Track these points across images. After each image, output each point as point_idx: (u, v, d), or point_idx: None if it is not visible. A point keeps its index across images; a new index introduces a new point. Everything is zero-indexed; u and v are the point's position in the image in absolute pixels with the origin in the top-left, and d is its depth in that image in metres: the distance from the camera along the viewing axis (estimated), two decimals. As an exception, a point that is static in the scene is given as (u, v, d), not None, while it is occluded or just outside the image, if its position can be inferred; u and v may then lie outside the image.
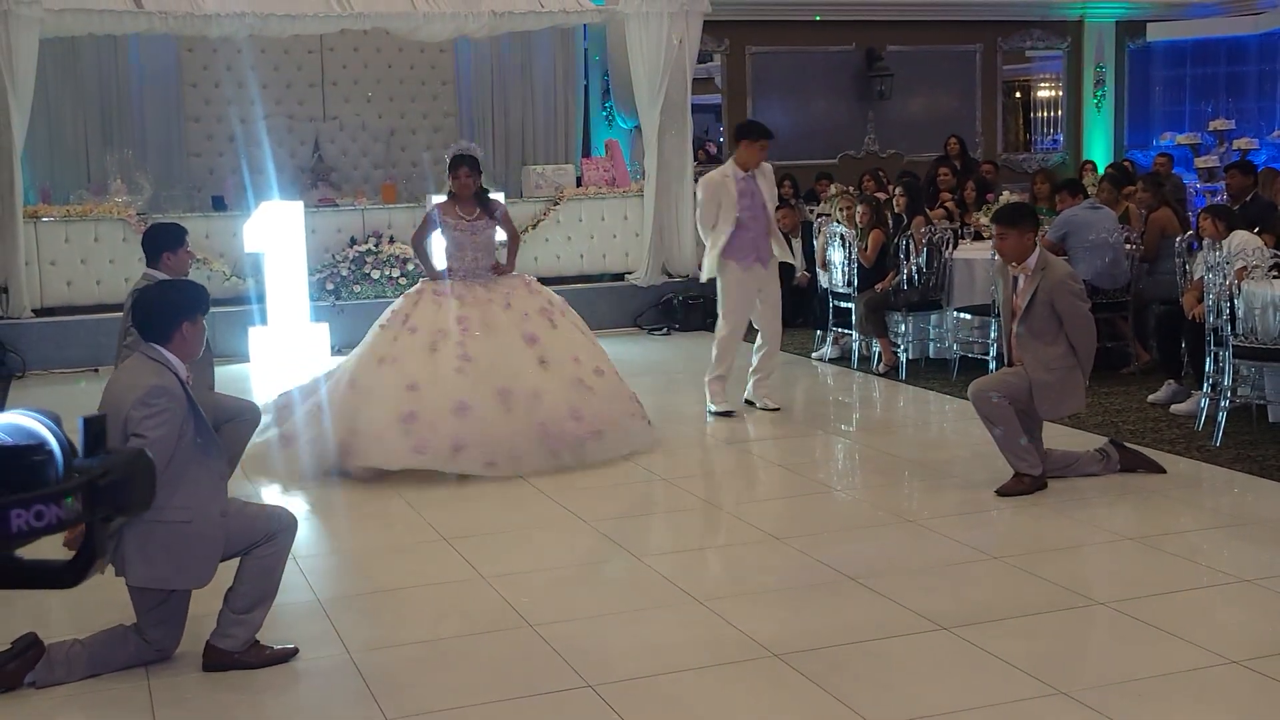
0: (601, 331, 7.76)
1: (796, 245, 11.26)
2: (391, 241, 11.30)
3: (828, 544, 5.49)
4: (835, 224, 9.94)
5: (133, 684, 4.14)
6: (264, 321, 10.57)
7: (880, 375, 9.31)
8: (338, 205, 11.74)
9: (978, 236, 10.36)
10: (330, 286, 11.10)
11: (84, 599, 4.64)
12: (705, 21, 12.09)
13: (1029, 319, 6.07)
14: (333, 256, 11.18)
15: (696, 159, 13.22)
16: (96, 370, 9.88)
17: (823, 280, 10.05)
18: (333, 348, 10.48)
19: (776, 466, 7.19)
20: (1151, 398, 7.99)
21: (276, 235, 10.44)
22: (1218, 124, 15.86)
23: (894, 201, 10.18)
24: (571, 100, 13.90)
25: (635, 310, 11.93)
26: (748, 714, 3.90)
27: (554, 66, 13.79)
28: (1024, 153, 16.87)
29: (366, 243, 11.27)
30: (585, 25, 13.10)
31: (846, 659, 4.19)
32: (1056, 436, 6.69)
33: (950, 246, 9.43)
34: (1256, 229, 7.91)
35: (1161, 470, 6.35)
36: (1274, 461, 6.50)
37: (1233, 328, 6.94)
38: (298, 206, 10.81)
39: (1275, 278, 7.03)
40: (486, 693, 4.01)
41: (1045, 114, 17.19)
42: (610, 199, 12.19)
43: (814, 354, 10.14)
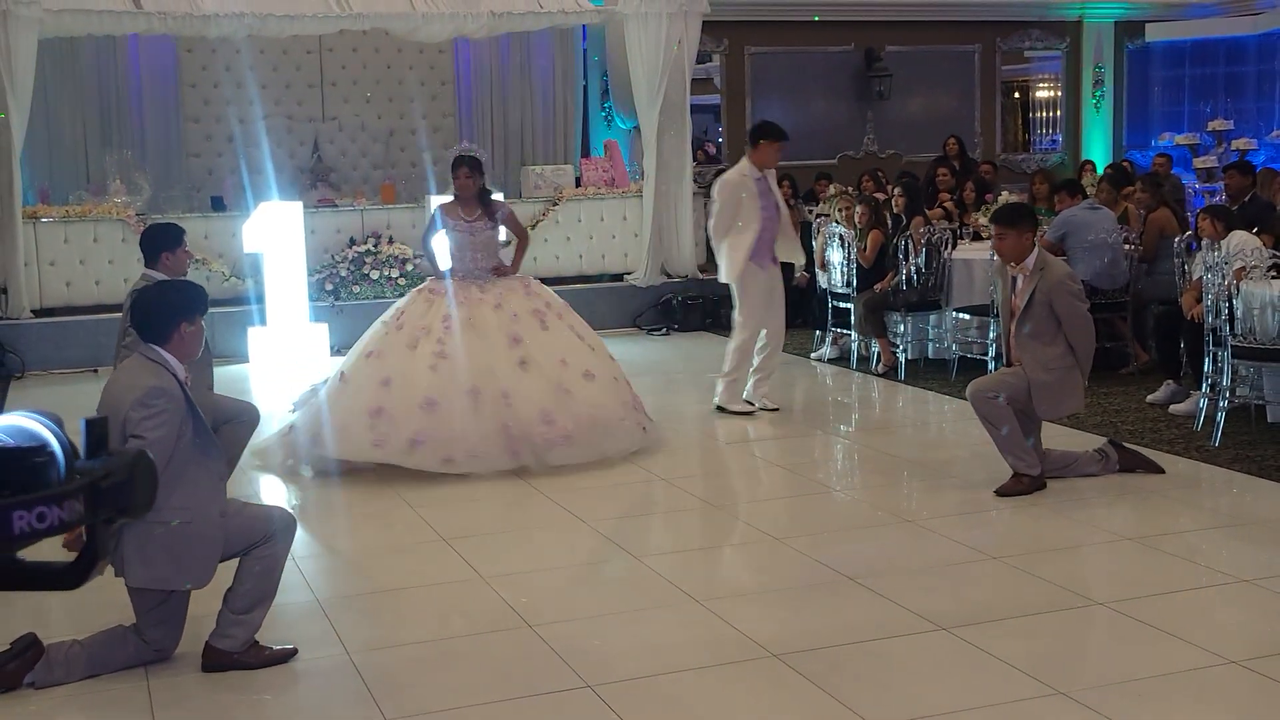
0: (600, 332, 7.74)
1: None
2: (390, 242, 11.30)
3: (827, 544, 5.50)
4: (834, 224, 9.94)
5: (132, 684, 4.14)
6: (263, 322, 10.57)
7: (879, 375, 9.32)
8: (337, 206, 11.74)
9: (976, 237, 10.36)
10: (329, 287, 11.10)
11: (83, 600, 4.63)
12: (704, 22, 12.09)
13: (1027, 319, 6.08)
14: (332, 257, 11.18)
15: (695, 159, 13.22)
16: (96, 371, 9.88)
17: (822, 280, 10.05)
18: (332, 348, 10.48)
19: (776, 467, 7.19)
20: (1150, 398, 7.99)
21: (275, 236, 10.43)
22: (1216, 124, 15.86)
23: (893, 202, 10.18)
24: (570, 101, 13.90)
25: (634, 311, 11.93)
26: (747, 714, 3.90)
27: (553, 67, 13.80)
28: (1023, 153, 16.87)
29: (365, 243, 11.27)
30: (584, 26, 13.11)
31: (846, 659, 4.19)
32: (1055, 437, 6.69)
33: (949, 247, 9.43)
34: (1255, 229, 7.91)
35: (1160, 470, 6.36)
36: (1273, 462, 6.51)
37: (1231, 328, 6.95)
38: (297, 207, 10.81)
39: (1274, 278, 7.03)
40: (486, 693, 4.02)
41: (1044, 114, 17.18)
42: (609, 199, 12.19)
43: (813, 354, 10.14)
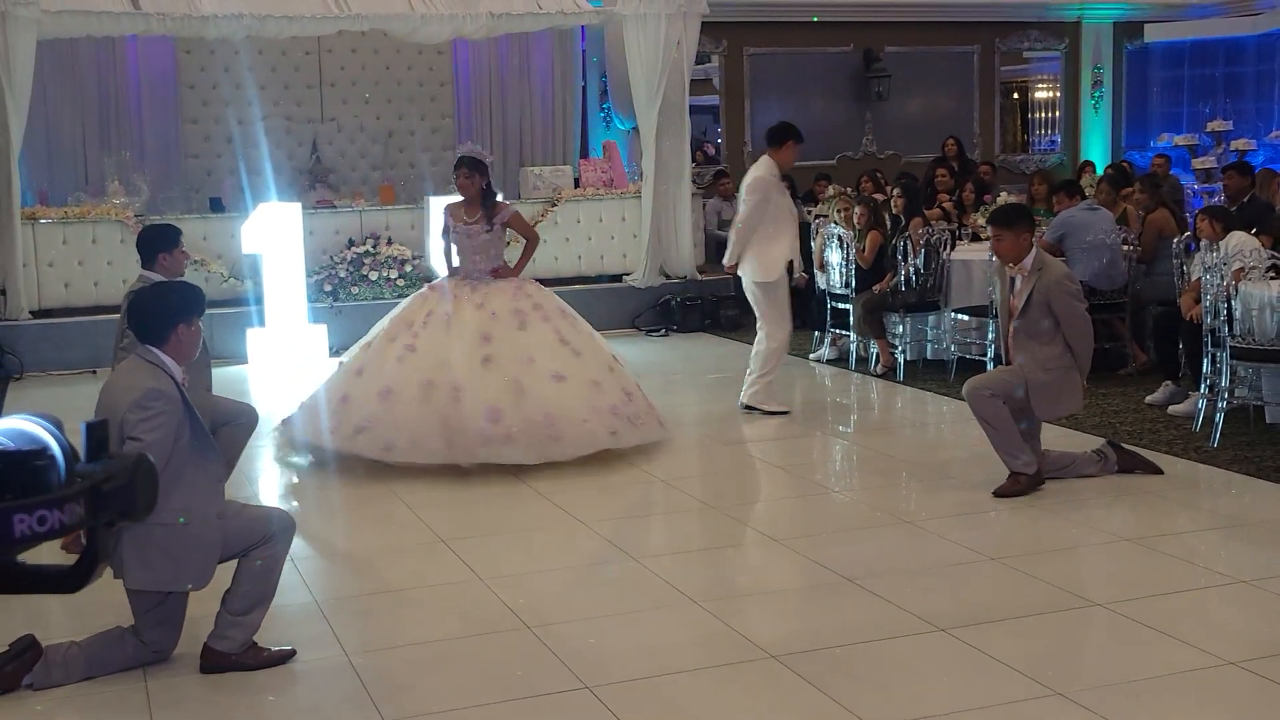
0: (599, 333, 7.72)
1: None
2: (389, 243, 11.30)
3: (825, 545, 5.50)
4: (833, 225, 9.94)
5: (130, 686, 4.14)
6: (262, 323, 10.56)
7: (878, 376, 9.32)
8: (335, 207, 11.74)
9: (975, 238, 10.36)
10: (328, 288, 11.10)
11: (82, 601, 4.58)
12: (703, 23, 12.08)
13: (1026, 319, 6.08)
14: (330, 258, 11.18)
15: (694, 160, 13.22)
16: (94, 372, 9.87)
17: (820, 281, 10.05)
18: (331, 349, 10.48)
19: (774, 468, 7.19)
20: (1149, 399, 7.99)
21: (274, 237, 10.43)
22: (1215, 125, 15.87)
23: (892, 203, 10.17)
24: (569, 101, 13.91)
25: (633, 311, 11.93)
26: (745, 715, 3.90)
27: (552, 68, 13.81)
28: (1022, 154, 16.88)
29: (364, 244, 11.26)
30: (583, 26, 13.11)
31: (844, 660, 4.19)
32: (1054, 437, 6.70)
33: (948, 248, 9.43)
34: (1254, 230, 7.92)
35: (1159, 471, 6.36)
36: (1271, 463, 6.51)
37: (1230, 329, 6.95)
38: (295, 208, 10.80)
39: (1272, 279, 7.04)
40: (484, 694, 4.02)
41: (1043, 115, 17.19)
42: (608, 200, 12.19)
43: (811, 355, 10.14)
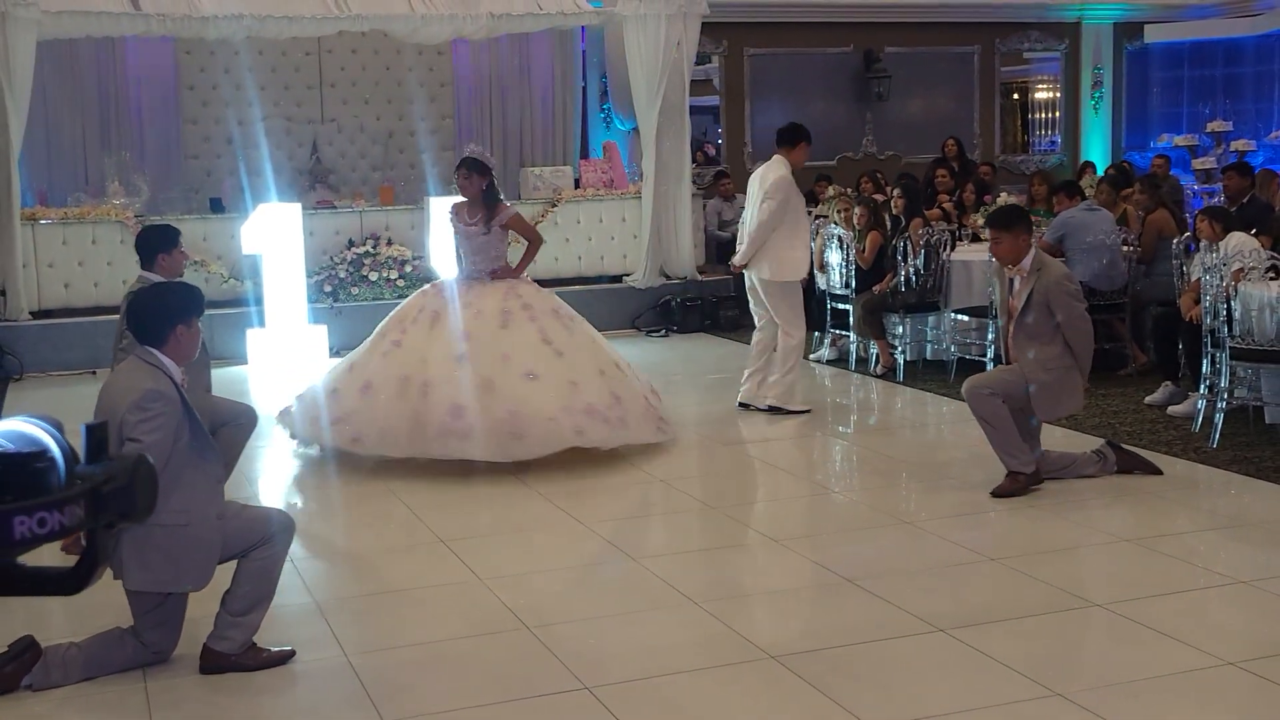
0: (601, 335, 7.72)
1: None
2: (389, 244, 11.30)
3: (825, 545, 5.51)
4: (833, 226, 9.95)
5: (130, 686, 4.14)
6: (262, 324, 10.56)
7: (878, 377, 9.32)
8: (335, 207, 11.74)
9: (975, 238, 10.36)
10: (328, 289, 11.10)
11: (82, 602, 4.59)
12: (703, 23, 12.08)
13: (1025, 319, 6.08)
14: (331, 259, 11.18)
15: (694, 161, 13.22)
16: (94, 373, 9.87)
17: (820, 282, 10.05)
18: (331, 350, 10.48)
19: (774, 468, 7.19)
20: (1148, 399, 8.00)
21: (274, 237, 10.43)
22: (1215, 125, 15.87)
23: (892, 203, 10.17)
24: (569, 102, 13.90)
25: (633, 312, 11.93)
26: (745, 715, 3.90)
27: (552, 68, 13.80)
28: (1022, 154, 16.87)
29: (364, 245, 11.27)
30: (583, 27, 13.11)
31: (844, 661, 4.20)
32: (1054, 437, 6.70)
33: (948, 248, 9.44)
34: (1253, 230, 7.92)
35: (1158, 472, 6.36)
36: (1270, 463, 6.51)
37: (1230, 329, 6.95)
38: (295, 209, 10.80)
39: (1272, 279, 7.04)
40: (484, 695, 4.02)
41: (1043, 115, 17.19)
42: (608, 201, 12.19)
43: (811, 355, 10.12)
